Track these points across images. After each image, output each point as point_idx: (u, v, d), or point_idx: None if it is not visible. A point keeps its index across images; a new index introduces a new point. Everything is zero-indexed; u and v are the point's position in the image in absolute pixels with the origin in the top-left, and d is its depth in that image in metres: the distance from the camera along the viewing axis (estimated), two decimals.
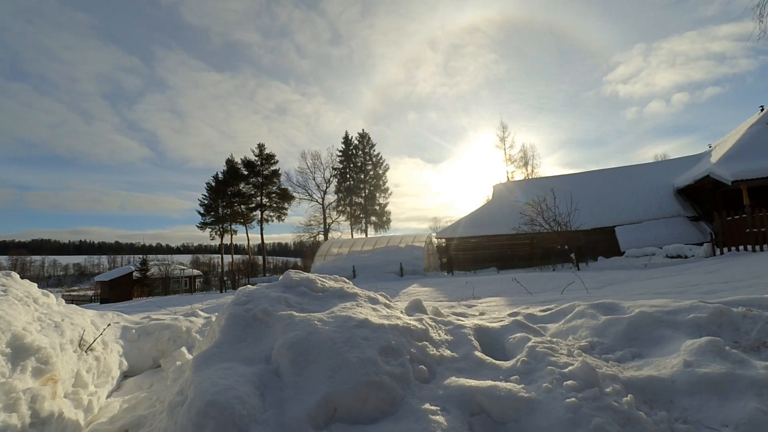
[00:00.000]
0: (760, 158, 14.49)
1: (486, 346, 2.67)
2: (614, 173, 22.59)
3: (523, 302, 4.80)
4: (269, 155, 45.11)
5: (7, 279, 3.14)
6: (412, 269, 20.48)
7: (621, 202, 19.46)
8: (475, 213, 23.64)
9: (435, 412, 1.84)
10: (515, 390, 1.95)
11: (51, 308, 3.11)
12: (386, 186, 45.59)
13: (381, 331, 2.31)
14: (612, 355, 2.45)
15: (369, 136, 45.95)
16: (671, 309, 2.74)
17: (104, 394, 2.93)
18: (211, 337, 2.67)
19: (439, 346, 2.52)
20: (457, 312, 3.89)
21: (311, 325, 2.31)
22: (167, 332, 4.07)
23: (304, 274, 3.31)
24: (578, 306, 3.18)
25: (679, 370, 2.04)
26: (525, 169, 40.90)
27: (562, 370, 2.04)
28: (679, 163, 21.26)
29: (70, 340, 2.77)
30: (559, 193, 17.18)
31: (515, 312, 3.56)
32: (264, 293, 2.82)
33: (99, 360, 3.03)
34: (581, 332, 2.78)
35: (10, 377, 2.09)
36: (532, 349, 2.33)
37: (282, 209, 45.19)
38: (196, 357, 2.33)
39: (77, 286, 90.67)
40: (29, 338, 2.34)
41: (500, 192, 24.81)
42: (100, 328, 3.42)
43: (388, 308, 2.97)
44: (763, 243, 9.83)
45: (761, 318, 2.41)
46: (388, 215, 44.98)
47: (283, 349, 2.15)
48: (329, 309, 2.67)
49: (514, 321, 2.97)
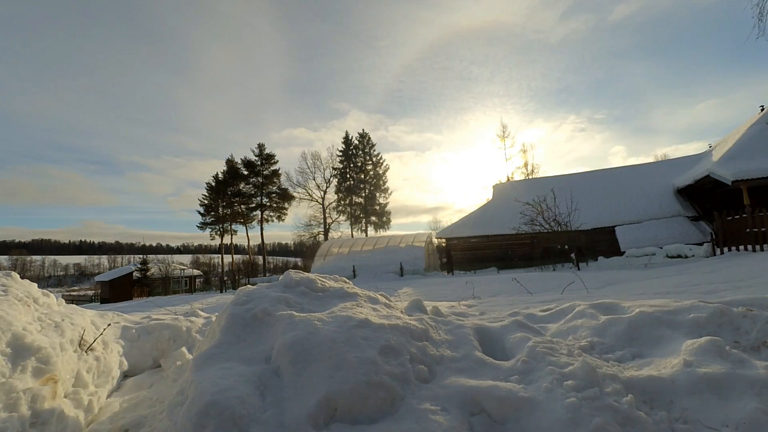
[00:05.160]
0: (761, 158, 14.47)
1: (486, 345, 2.67)
2: (614, 173, 22.58)
3: (524, 302, 4.80)
4: (269, 155, 45.14)
5: (8, 279, 3.14)
6: (412, 269, 20.49)
7: (621, 202, 19.44)
8: (475, 213, 23.62)
9: (435, 411, 1.84)
10: (515, 390, 1.95)
11: (51, 308, 3.12)
12: (386, 186, 45.68)
13: (381, 331, 2.31)
14: (612, 355, 2.45)
15: (369, 136, 46.05)
16: (671, 309, 2.75)
17: (104, 393, 2.93)
18: (211, 337, 2.67)
19: (439, 345, 2.52)
20: (457, 312, 3.89)
21: (311, 325, 2.31)
22: (167, 332, 4.07)
23: (304, 274, 3.31)
24: (578, 306, 3.18)
25: (679, 370, 2.04)
26: (525, 168, 40.89)
27: (562, 370, 2.04)
28: (679, 163, 21.24)
29: (70, 340, 2.77)
30: (560, 193, 17.17)
31: (515, 312, 3.56)
32: (264, 293, 2.82)
33: (99, 360, 3.03)
34: (581, 332, 2.78)
35: (11, 377, 2.09)
36: (533, 349, 2.33)
37: (282, 209, 45.23)
38: (196, 357, 2.33)
39: (77, 286, 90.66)
40: (29, 338, 2.34)
41: (500, 192, 24.80)
42: (100, 328, 3.42)
43: (388, 308, 2.97)
44: (763, 243, 9.83)
45: (761, 318, 2.41)
46: (388, 215, 45.06)
47: (283, 349, 2.15)
48: (329, 309, 2.67)
49: (514, 321, 2.97)
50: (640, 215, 18.27)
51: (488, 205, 24.09)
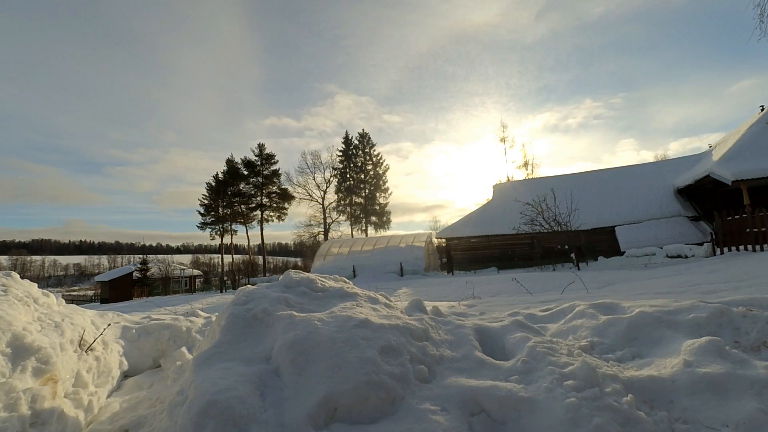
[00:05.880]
0: (761, 158, 14.47)
1: (486, 345, 2.67)
2: (614, 173, 22.57)
3: (524, 302, 4.79)
4: (269, 155, 45.12)
5: (8, 279, 3.14)
6: (412, 269, 20.49)
7: (621, 202, 19.45)
8: (475, 213, 23.63)
9: (435, 411, 1.84)
10: (515, 390, 1.95)
11: (51, 308, 3.12)
12: (386, 186, 45.66)
13: (381, 331, 2.31)
14: (612, 354, 2.45)
15: (369, 135, 46.02)
16: (671, 309, 2.75)
17: (104, 393, 2.93)
18: (211, 337, 2.67)
19: (439, 345, 2.52)
20: (457, 312, 3.89)
21: (311, 325, 2.31)
22: (167, 332, 4.07)
23: (304, 274, 3.31)
24: (578, 306, 3.18)
25: (679, 369, 2.04)
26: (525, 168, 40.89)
27: (562, 370, 2.04)
28: (679, 163, 21.24)
29: (70, 340, 2.78)
30: (559, 193, 17.17)
31: (515, 312, 3.56)
32: (264, 293, 2.82)
33: (99, 360, 3.03)
34: (581, 332, 2.78)
35: (11, 377, 2.10)
36: (532, 349, 2.33)
37: (282, 209, 45.19)
38: (196, 357, 2.33)
39: (77, 286, 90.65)
40: (29, 338, 2.34)
41: (500, 192, 24.79)
42: (100, 328, 3.42)
43: (388, 308, 2.97)
44: (763, 243, 9.82)
45: (761, 318, 2.41)
46: (388, 215, 45.02)
47: (283, 349, 2.15)
48: (329, 309, 2.67)
49: (514, 321, 2.97)
50: (640, 215, 18.27)
51: (488, 205, 24.09)
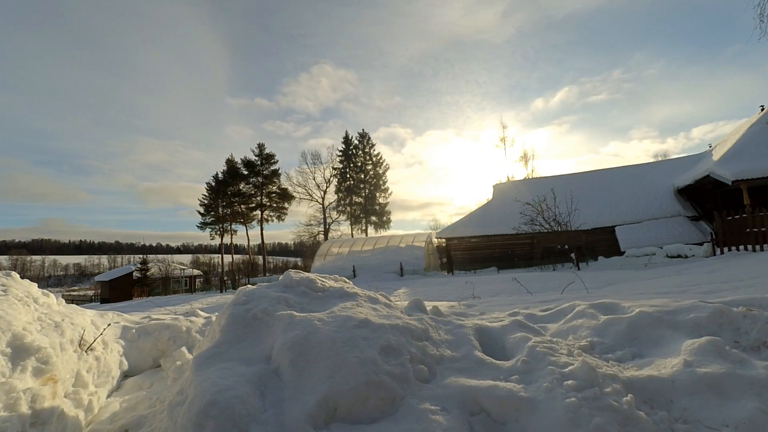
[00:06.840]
0: (761, 158, 14.47)
1: (486, 345, 2.67)
2: (614, 173, 22.56)
3: (524, 302, 4.79)
4: (269, 155, 45.13)
5: (7, 279, 3.14)
6: (412, 269, 20.49)
7: (621, 202, 19.44)
8: (475, 213, 23.62)
9: (435, 411, 1.84)
10: (515, 390, 1.95)
11: (51, 308, 3.11)
12: (386, 186, 45.66)
13: (381, 331, 2.31)
14: (612, 354, 2.45)
15: (369, 135, 46.04)
16: (671, 309, 2.75)
17: (104, 393, 2.93)
18: (211, 336, 2.67)
19: (439, 345, 2.52)
20: (457, 312, 3.89)
21: (311, 324, 2.31)
22: (167, 332, 4.07)
23: (304, 273, 3.31)
24: (578, 306, 3.18)
25: (679, 369, 2.04)
26: (525, 168, 40.90)
27: (562, 370, 2.04)
28: (679, 163, 21.24)
29: (70, 340, 2.77)
30: (559, 192, 17.18)
31: (515, 312, 3.56)
32: (264, 293, 2.82)
33: (99, 360, 3.03)
34: (581, 332, 2.78)
35: (11, 377, 2.09)
36: (532, 349, 2.33)
37: (282, 209, 45.20)
38: (196, 357, 2.33)
39: (77, 286, 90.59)
40: (29, 338, 2.34)
41: (500, 192, 24.79)
42: (100, 328, 3.42)
43: (388, 308, 2.96)
44: (763, 243, 9.82)
45: (761, 318, 2.41)
46: (388, 215, 45.02)
47: (283, 349, 2.15)
48: (329, 309, 2.67)
49: (514, 321, 2.97)
50: (640, 215, 18.26)
51: (488, 205, 24.07)
